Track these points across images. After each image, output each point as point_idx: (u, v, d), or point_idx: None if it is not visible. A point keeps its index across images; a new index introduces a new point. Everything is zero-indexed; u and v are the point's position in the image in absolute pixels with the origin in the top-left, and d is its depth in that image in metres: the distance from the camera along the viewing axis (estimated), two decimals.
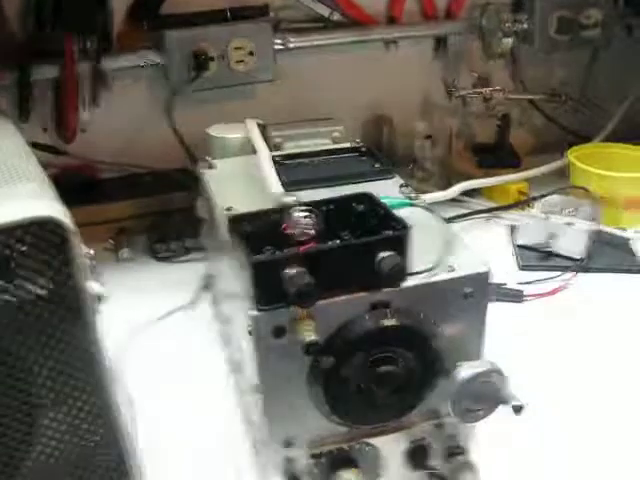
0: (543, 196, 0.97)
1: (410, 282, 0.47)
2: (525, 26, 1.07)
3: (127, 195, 1.00)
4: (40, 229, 0.41)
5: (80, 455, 0.50)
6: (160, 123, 0.99)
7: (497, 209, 1.03)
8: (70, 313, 0.44)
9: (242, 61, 0.99)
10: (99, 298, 0.45)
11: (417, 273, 0.48)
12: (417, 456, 0.56)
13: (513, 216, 1.01)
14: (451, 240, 0.52)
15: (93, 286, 0.44)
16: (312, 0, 1.03)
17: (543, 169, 1.04)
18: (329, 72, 1.09)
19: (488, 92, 1.08)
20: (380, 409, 0.51)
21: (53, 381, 0.46)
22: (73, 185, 0.93)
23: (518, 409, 0.50)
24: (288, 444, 0.52)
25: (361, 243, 0.45)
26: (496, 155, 1.12)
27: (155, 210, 0.99)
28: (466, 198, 1.05)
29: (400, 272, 0.45)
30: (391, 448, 0.55)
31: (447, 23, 1.12)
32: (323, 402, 0.49)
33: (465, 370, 0.50)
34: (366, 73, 1.11)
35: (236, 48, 0.98)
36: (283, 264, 0.43)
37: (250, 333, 0.46)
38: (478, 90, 1.09)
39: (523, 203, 1.02)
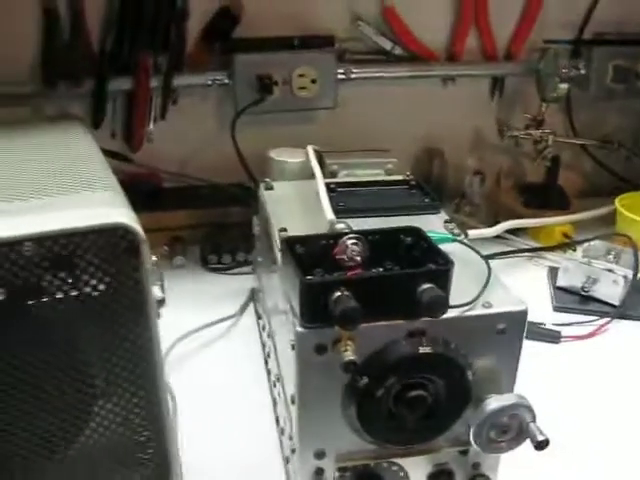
0: (587, 240, 0.98)
1: (447, 314, 0.50)
2: (582, 72, 1.09)
3: (185, 205, 1.04)
4: (113, 235, 0.46)
5: (126, 447, 0.54)
6: (221, 139, 1.04)
7: (540, 249, 1.05)
8: (134, 314, 0.48)
9: (305, 88, 1.03)
10: (160, 302, 0.49)
11: (455, 306, 0.51)
12: None
13: (555, 257, 1.03)
14: (490, 278, 0.55)
15: (156, 291, 0.48)
16: (376, 34, 1.07)
17: (589, 214, 1.06)
18: (387, 103, 1.12)
19: (539, 134, 1.10)
20: (408, 432, 0.54)
21: (110, 373, 0.50)
22: (136, 191, 0.98)
23: (542, 444, 0.52)
24: (318, 456, 0.55)
25: (405, 274, 0.49)
26: (544, 196, 1.14)
27: (210, 222, 1.04)
28: (511, 236, 1.07)
29: (440, 305, 0.48)
30: (416, 470, 0.58)
31: (506, 64, 1.15)
32: (355, 419, 0.52)
33: (493, 402, 0.52)
34: (422, 106, 1.14)
35: (300, 75, 1.03)
36: (331, 287, 0.47)
37: (293, 348, 0.50)
38: (530, 132, 1.11)
39: (566, 246, 1.04)
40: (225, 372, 0.79)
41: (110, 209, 0.47)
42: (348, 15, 1.07)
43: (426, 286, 0.49)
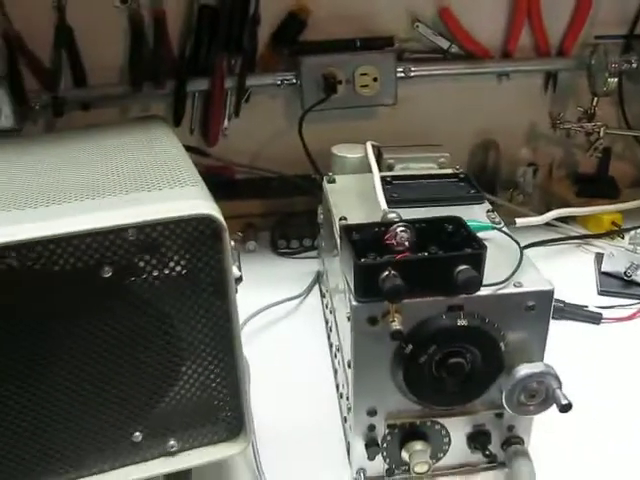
0: (634, 228, 1.04)
1: (482, 292, 0.58)
2: (634, 66, 1.14)
3: (256, 195, 1.14)
4: (201, 223, 0.55)
5: (207, 405, 0.62)
6: (289, 134, 1.14)
7: (588, 237, 1.11)
8: (217, 289, 0.57)
9: (367, 86, 1.12)
10: (238, 280, 0.59)
11: (489, 285, 0.59)
12: (478, 439, 0.66)
13: (602, 244, 1.09)
14: (521, 261, 0.62)
15: (235, 270, 0.58)
16: (433, 34, 1.14)
17: (637, 203, 1.11)
18: (444, 99, 1.19)
19: (591, 127, 1.15)
20: (448, 394, 0.62)
21: (196, 341, 0.59)
22: (212, 183, 1.08)
23: (566, 408, 0.59)
24: (371, 413, 0.63)
25: (444, 257, 0.57)
26: (595, 186, 1.20)
27: (279, 210, 1.13)
28: (561, 224, 1.13)
29: (473, 283, 0.56)
30: (456, 429, 0.66)
31: (558, 60, 1.20)
32: (402, 382, 0.60)
33: (523, 369, 0.60)
34: (478, 101, 1.21)
35: (362, 74, 1.11)
36: (380, 268, 0.56)
37: (349, 319, 0.59)
38: (582, 124, 1.16)
39: (614, 233, 1.09)
40: (292, 344, 0.88)
41: (198, 202, 0.56)
42: (407, 17, 1.14)
43: (462, 267, 0.56)
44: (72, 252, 0.53)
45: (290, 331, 0.91)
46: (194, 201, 0.56)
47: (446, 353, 0.59)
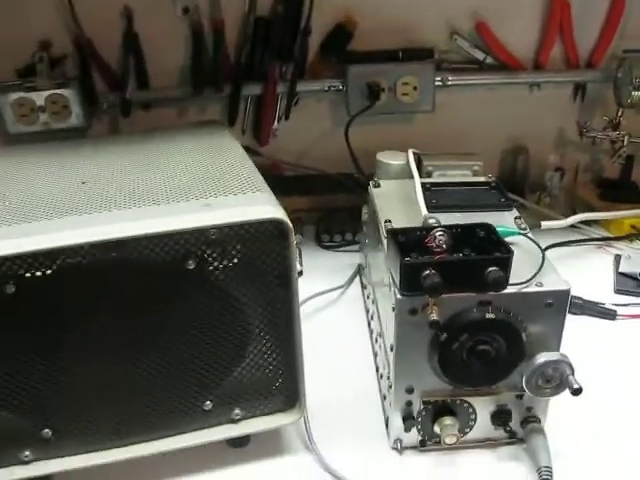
0: None
1: (508, 290, 0.68)
2: None
3: (303, 191, 1.23)
4: (272, 225, 0.65)
5: (268, 380, 0.73)
6: (333, 135, 1.24)
7: (609, 239, 1.19)
8: (282, 280, 0.67)
9: (407, 94, 1.21)
10: (300, 273, 0.69)
11: (515, 284, 0.68)
12: (500, 417, 0.75)
13: (622, 246, 1.17)
14: (543, 264, 0.72)
15: (298, 265, 0.68)
16: (470, 46, 1.22)
17: None
18: (478, 107, 1.28)
19: (616, 135, 1.23)
20: (476, 377, 0.71)
21: (263, 324, 0.70)
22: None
23: (576, 391, 0.68)
24: (409, 391, 0.73)
25: (477, 259, 0.66)
26: (618, 190, 1.28)
27: (323, 206, 1.23)
28: (585, 226, 1.20)
29: (501, 283, 0.66)
30: (482, 408, 0.75)
31: (587, 72, 1.27)
32: (437, 365, 0.70)
33: (542, 357, 0.69)
34: (510, 110, 1.28)
35: (404, 83, 1.20)
36: (422, 267, 0.65)
37: (393, 310, 0.69)
38: (607, 133, 1.24)
39: (633, 236, 1.18)
40: (335, 330, 0.97)
41: (268, 207, 0.66)
42: (446, 29, 1.22)
43: (492, 269, 0.66)
44: (163, 247, 0.63)
45: (333, 318, 1.00)
46: (265, 206, 0.66)
47: (475, 341, 0.69)
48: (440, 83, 1.22)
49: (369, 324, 0.97)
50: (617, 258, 1.12)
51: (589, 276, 1.08)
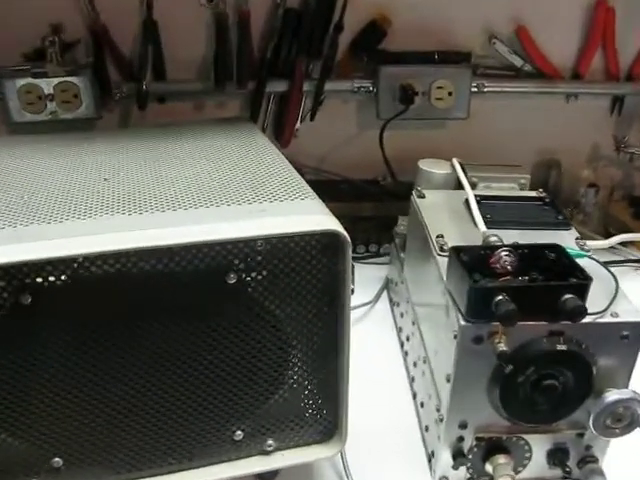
0: None
1: (583, 320, 0.61)
2: None
3: (324, 198, 1.16)
4: (325, 238, 0.58)
5: (305, 407, 0.65)
6: (359, 139, 1.18)
7: None
8: (332, 299, 0.60)
9: (441, 99, 1.14)
10: (352, 291, 0.62)
11: (590, 314, 0.62)
12: (557, 456, 0.69)
13: None
14: (617, 291, 0.65)
15: (351, 283, 0.61)
16: (509, 51, 1.16)
17: None
18: (513, 115, 1.21)
19: None
20: (538, 413, 0.65)
21: (305, 346, 0.62)
22: None
23: None
24: (462, 426, 0.67)
25: (554, 285, 0.60)
26: None
27: (345, 214, 1.15)
28: (619, 246, 1.15)
29: (580, 312, 0.59)
30: (539, 446, 0.69)
31: (627, 84, 1.22)
32: (497, 399, 0.63)
33: (613, 395, 0.63)
34: (545, 120, 1.23)
35: (438, 87, 1.13)
36: (494, 292, 0.58)
37: (455, 337, 0.62)
38: None
39: None
40: (363, 350, 0.90)
41: (322, 217, 0.59)
42: (483, 33, 1.16)
43: (568, 296, 0.59)
44: (203, 258, 0.55)
45: (362, 337, 0.92)
46: (319, 216, 0.59)
47: (542, 375, 0.62)
48: (476, 89, 1.16)
49: (402, 345, 0.90)
50: None
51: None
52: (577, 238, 0.75)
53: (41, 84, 1.04)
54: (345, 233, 0.58)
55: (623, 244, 1.16)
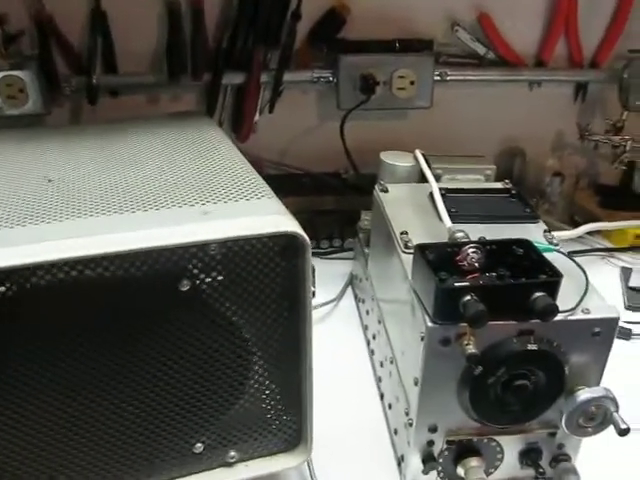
0: None
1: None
2: None
3: (285, 192, 1.12)
4: (283, 240, 0.55)
5: (268, 416, 0.62)
6: (319, 132, 1.14)
7: (614, 250, 1.12)
8: (292, 303, 0.57)
9: (404, 88, 1.11)
10: (313, 294, 0.58)
11: (561, 312, 0.59)
12: (530, 456, 0.67)
13: (627, 258, 1.10)
14: (588, 287, 0.63)
15: (311, 286, 0.58)
16: (471, 39, 1.14)
17: None
18: (475, 104, 1.20)
19: (618, 140, 1.16)
20: (509, 414, 0.63)
21: (266, 353, 0.59)
22: None
23: (624, 432, 0.60)
24: (432, 430, 0.64)
25: (524, 283, 0.57)
26: (619, 198, 1.21)
27: (307, 208, 1.12)
28: (587, 236, 1.14)
29: (551, 311, 0.56)
30: (510, 446, 0.66)
31: (590, 71, 1.20)
32: (467, 401, 0.61)
33: (585, 393, 0.61)
34: (508, 108, 1.21)
35: (400, 76, 1.10)
36: (462, 292, 0.56)
37: (422, 339, 0.59)
38: (609, 137, 1.17)
39: (638, 248, 1.11)
40: (327, 349, 0.87)
41: (279, 218, 0.56)
42: (445, 20, 1.14)
43: (539, 294, 0.57)
44: (152, 265, 0.52)
45: (326, 335, 0.89)
46: (276, 217, 0.56)
47: (512, 375, 0.60)
48: (439, 78, 1.13)
49: (368, 343, 0.87)
50: (625, 271, 1.05)
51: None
52: (545, 231, 0.73)
53: None
54: (304, 234, 0.55)
55: (590, 233, 1.15)
